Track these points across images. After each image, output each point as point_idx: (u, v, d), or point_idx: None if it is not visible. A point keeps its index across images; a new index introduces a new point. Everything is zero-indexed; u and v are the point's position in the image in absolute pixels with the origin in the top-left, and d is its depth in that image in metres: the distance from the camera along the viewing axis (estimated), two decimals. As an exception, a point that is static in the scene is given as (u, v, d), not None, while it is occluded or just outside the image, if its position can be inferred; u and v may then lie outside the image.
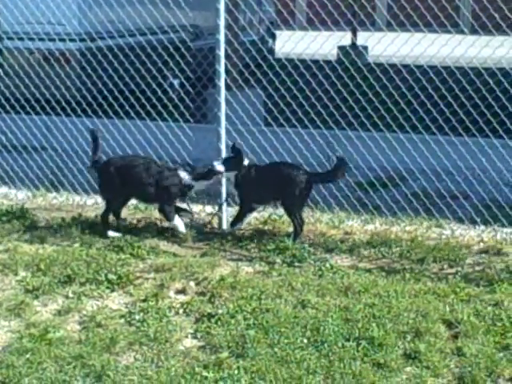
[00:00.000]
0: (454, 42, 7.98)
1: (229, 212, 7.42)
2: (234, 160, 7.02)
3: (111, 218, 7.24)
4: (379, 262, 6.62)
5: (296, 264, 6.54)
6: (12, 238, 7.07)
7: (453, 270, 6.41)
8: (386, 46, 7.47)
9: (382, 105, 8.32)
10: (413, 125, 7.72)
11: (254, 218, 7.33)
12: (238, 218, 7.16)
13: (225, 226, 7.37)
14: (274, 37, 16.05)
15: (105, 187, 7.26)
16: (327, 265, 6.45)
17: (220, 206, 7.37)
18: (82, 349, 5.31)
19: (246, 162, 7.02)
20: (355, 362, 5.13)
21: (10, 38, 10.91)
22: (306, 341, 5.37)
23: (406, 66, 8.35)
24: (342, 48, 11.98)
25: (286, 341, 5.35)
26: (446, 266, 6.48)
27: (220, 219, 7.42)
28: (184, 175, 7.04)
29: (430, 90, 8.02)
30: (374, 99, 8.18)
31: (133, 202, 7.63)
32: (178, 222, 7.12)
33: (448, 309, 5.71)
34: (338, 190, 7.75)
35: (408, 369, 5.12)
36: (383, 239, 6.93)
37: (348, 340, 5.36)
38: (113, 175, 7.10)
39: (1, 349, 5.39)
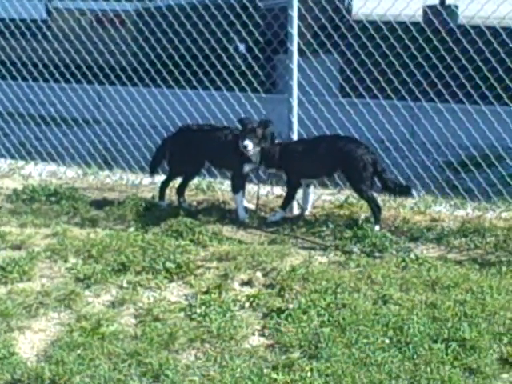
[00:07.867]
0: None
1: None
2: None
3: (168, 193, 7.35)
4: (471, 253, 6.56)
5: (376, 254, 6.52)
6: (61, 220, 7.18)
7: (556, 264, 6.31)
8: (482, 4, 7.34)
9: (476, 73, 8.17)
10: (512, 95, 7.60)
11: (329, 201, 7.30)
12: (288, 199, 7.11)
13: (296, 209, 7.37)
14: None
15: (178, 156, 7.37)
16: (412, 255, 6.42)
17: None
18: (138, 345, 5.37)
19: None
20: (444, 366, 5.08)
21: (59, -2, 11.04)
22: (387, 341, 5.34)
23: (505, 29, 8.18)
24: (430, 7, 11.80)
25: (364, 340, 5.33)
26: (548, 259, 6.39)
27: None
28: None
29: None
30: (467, 66, 8.04)
31: (194, 181, 7.69)
32: (240, 205, 7.14)
33: (551, 308, 5.64)
34: (424, 170, 7.67)
35: (504, 376, 5.06)
36: (476, 227, 6.87)
37: (435, 341, 5.32)
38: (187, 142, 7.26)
39: (50, 343, 5.48)
